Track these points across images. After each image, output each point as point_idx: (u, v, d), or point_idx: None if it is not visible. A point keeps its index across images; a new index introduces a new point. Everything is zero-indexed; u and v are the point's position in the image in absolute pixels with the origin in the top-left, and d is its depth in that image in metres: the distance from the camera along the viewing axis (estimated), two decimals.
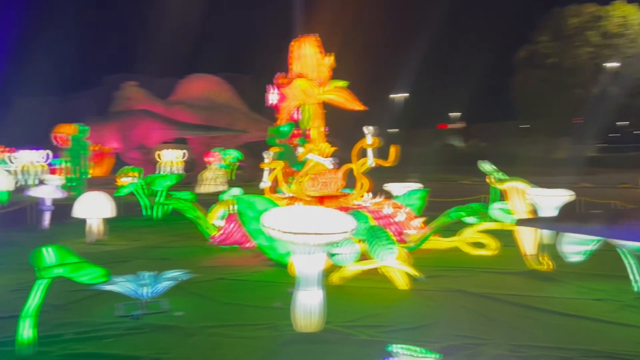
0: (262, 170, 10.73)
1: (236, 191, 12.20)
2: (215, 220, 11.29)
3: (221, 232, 10.24)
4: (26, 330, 4.75)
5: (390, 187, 12.22)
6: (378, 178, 10.34)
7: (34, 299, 4.81)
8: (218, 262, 9.06)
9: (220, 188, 25.02)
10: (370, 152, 9.58)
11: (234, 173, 32.82)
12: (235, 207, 9.94)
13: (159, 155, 35.34)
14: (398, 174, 15.46)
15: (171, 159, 36.09)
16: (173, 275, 6.49)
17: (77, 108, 41.98)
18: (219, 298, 6.81)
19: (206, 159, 29.61)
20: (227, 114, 33.02)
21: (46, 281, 4.85)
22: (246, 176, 32.49)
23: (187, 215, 11.56)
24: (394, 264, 7.02)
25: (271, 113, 12.22)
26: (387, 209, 9.44)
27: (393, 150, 9.50)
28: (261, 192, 10.25)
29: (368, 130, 9.47)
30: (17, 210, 14.05)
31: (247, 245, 9.58)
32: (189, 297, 6.77)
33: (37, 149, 31.10)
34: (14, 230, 12.35)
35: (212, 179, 26.81)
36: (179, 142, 36.37)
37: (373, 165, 9.65)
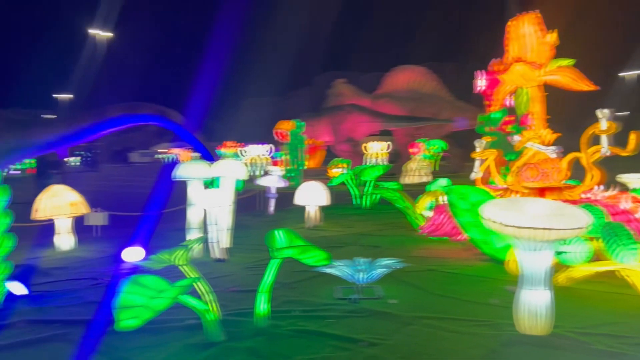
0: (467, 160, 10.27)
1: (443, 182, 11.94)
2: (423, 210, 11.21)
3: (430, 222, 10.10)
4: (262, 305, 5.30)
5: (626, 178, 10.58)
6: (608, 168, 9.00)
7: (269, 277, 5.32)
8: (428, 253, 8.95)
9: (424, 179, 24.91)
10: (604, 139, 8.36)
11: (438, 164, 32.31)
12: (445, 198, 9.71)
13: (365, 147, 36.70)
14: (633, 163, 13.30)
15: (376, 151, 37.19)
16: (387, 263, 6.60)
17: (294, 105, 46.05)
18: (431, 289, 6.70)
19: (410, 150, 29.72)
20: (432, 104, 32.60)
21: (278, 261, 5.33)
22: (451, 167, 31.71)
23: (396, 205, 11.72)
24: (638, 267, 6.01)
25: (478, 100, 11.60)
26: (625, 204, 8.15)
27: (634, 137, 8.14)
28: (471, 183, 9.80)
29: (602, 114, 8.26)
30: (248, 197, 15.98)
31: (458, 237, 9.28)
32: (401, 285, 6.81)
33: (262, 143, 35.10)
34: (246, 214, 14.02)
35: (416, 170, 26.83)
36: (384, 134, 37.24)
37: (608, 153, 8.41)
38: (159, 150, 73.28)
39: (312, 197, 12.20)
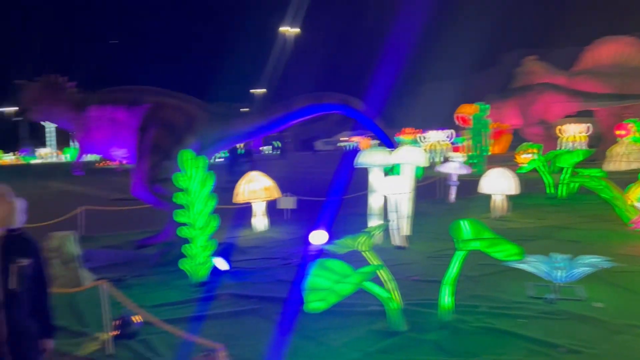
0: None
1: None
2: (636, 202, 9.66)
3: None
4: (446, 297, 5.06)
5: None
6: None
7: (453, 269, 5.06)
8: None
9: (634, 165, 21.72)
10: None
11: None
12: None
13: (560, 130, 33.30)
14: None
15: (573, 134, 33.51)
16: (591, 261, 5.79)
17: (477, 88, 43.86)
18: None
19: (617, 133, 26.02)
20: None
21: (463, 253, 5.03)
22: None
23: (601, 195, 10.32)
24: None
25: None
26: None
27: None
28: None
29: None
30: (428, 185, 15.65)
31: None
32: (608, 287, 5.95)
33: (442, 129, 34.19)
34: (425, 202, 13.76)
35: (624, 155, 23.44)
36: (582, 115, 33.28)
37: None
38: (341, 139, 76.40)
39: (499, 185, 11.39)
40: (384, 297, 4.86)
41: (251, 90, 71.68)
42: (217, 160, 36.46)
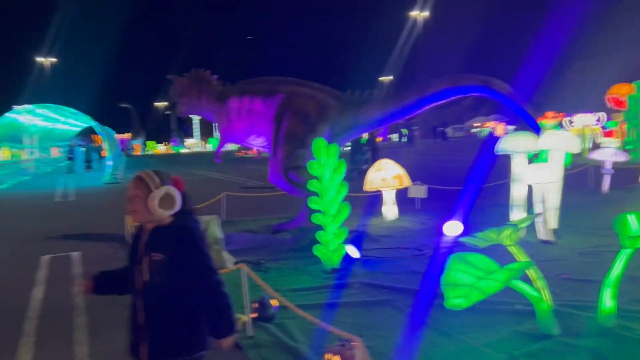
0: None
1: None
2: None
3: None
4: (608, 300, 4.45)
5: None
6: None
7: (617, 268, 4.43)
8: None
9: None
10: None
11: None
12: None
13: None
14: None
15: None
16: None
17: (634, 64, 38.96)
18: None
19: None
20: None
21: (630, 251, 4.39)
22: None
23: None
24: None
25: None
26: None
27: None
28: None
29: None
30: (577, 173, 14.21)
31: None
32: None
33: (590, 112, 30.86)
34: (575, 192, 12.49)
35: None
36: None
37: None
38: (473, 124, 73.02)
39: None
40: (533, 297, 4.40)
41: (380, 78, 71.39)
42: (345, 148, 36.89)
